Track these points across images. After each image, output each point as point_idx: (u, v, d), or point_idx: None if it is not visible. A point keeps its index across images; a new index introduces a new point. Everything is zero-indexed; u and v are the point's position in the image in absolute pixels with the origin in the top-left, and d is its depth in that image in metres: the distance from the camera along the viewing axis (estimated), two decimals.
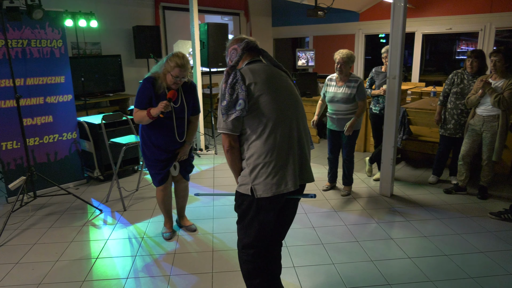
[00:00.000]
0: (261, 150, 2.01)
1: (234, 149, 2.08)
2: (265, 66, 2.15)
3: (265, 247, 2.24)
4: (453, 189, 4.36)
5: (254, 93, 2.01)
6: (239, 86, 1.99)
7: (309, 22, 9.81)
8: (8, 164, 4.21)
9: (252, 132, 2.03)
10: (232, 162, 2.12)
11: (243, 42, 2.16)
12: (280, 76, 2.17)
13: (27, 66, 4.21)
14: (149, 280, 2.84)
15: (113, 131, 4.72)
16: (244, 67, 2.11)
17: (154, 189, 3.42)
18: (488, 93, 3.84)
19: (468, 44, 8.62)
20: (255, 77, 2.04)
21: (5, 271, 2.97)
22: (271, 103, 2.02)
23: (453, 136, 4.43)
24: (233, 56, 2.18)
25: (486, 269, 2.93)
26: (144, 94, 3.01)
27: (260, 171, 2.01)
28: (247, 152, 2.06)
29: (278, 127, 2.02)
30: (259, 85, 2.02)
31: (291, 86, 2.19)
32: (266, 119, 2.01)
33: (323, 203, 4.21)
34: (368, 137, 6.12)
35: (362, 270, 2.94)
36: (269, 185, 2.01)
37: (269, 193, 2.01)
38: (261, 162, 2.01)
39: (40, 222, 3.81)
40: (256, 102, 2.01)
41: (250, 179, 2.04)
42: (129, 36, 7.42)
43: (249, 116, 2.02)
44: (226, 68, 2.05)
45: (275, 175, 2.01)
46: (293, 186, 2.03)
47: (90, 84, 6.58)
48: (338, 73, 4.11)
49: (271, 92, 2.04)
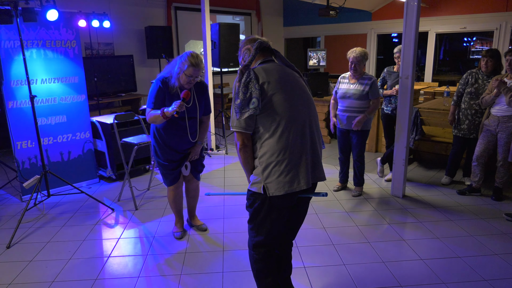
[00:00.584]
0: (274, 148, 2.02)
1: (247, 148, 2.09)
2: (278, 66, 2.17)
3: (276, 246, 2.25)
4: (467, 191, 4.29)
5: (268, 92, 2.02)
6: (252, 85, 2.01)
7: (320, 21, 9.77)
8: (23, 163, 4.28)
9: (265, 131, 2.04)
10: (244, 161, 2.13)
11: (256, 42, 2.17)
12: (293, 75, 2.18)
13: (41, 67, 4.27)
14: (160, 279, 2.86)
15: (125, 130, 4.77)
16: (258, 67, 2.13)
17: (165, 189, 3.44)
18: (503, 92, 3.77)
19: (483, 43, 8.49)
20: (268, 76, 2.05)
21: (19, 268, 3.02)
22: (284, 102, 2.04)
23: (467, 136, 4.37)
24: (246, 56, 2.20)
25: (500, 272, 2.88)
26: (157, 94, 3.02)
27: (273, 170, 2.02)
28: (260, 151, 2.07)
29: (291, 126, 2.03)
30: (273, 84, 2.04)
31: (304, 86, 2.20)
32: (280, 117, 2.02)
33: (334, 203, 4.18)
34: (380, 138, 6.06)
35: (373, 271, 2.92)
36: (281, 184, 2.02)
37: (282, 191, 2.02)
38: (274, 160, 2.02)
39: (53, 220, 3.86)
40: (270, 100, 2.02)
41: (262, 178, 2.05)
42: (141, 37, 7.48)
43: (262, 115, 2.03)
44: (240, 67, 2.07)
45: (288, 173, 2.02)
46: (305, 185, 2.04)
47: (103, 84, 6.65)
48: (353, 71, 4.07)
49: (284, 91, 2.05)
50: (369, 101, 4.06)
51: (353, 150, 4.28)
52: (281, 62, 2.23)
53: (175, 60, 3.03)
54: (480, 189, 4.27)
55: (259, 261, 2.24)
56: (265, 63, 2.17)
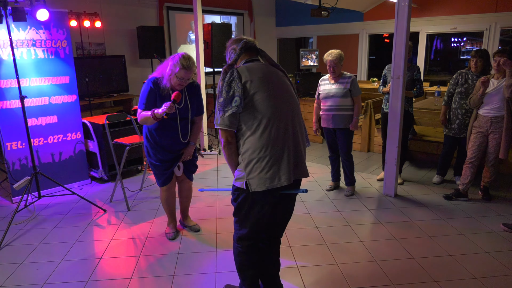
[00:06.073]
0: (255, 145, 2.07)
1: (231, 145, 2.15)
2: (262, 65, 2.22)
3: (260, 240, 2.31)
4: (453, 195, 4.22)
5: (250, 91, 2.07)
6: (235, 84, 2.06)
7: (313, 22, 9.79)
8: (13, 164, 4.23)
9: (247, 128, 2.09)
10: (229, 157, 2.20)
11: (242, 42, 2.23)
12: (277, 74, 2.22)
13: (32, 67, 4.23)
14: (153, 280, 2.84)
15: (117, 131, 4.74)
16: (241, 66, 2.18)
17: (158, 189, 3.43)
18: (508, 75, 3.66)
19: (473, 44, 8.58)
20: (251, 75, 2.10)
21: (10, 271, 2.99)
22: (266, 100, 2.08)
23: (457, 136, 4.41)
24: (233, 56, 2.26)
25: (491, 270, 2.91)
26: (148, 95, 3.00)
27: (255, 166, 2.08)
28: (243, 147, 2.13)
29: (273, 124, 2.08)
30: (255, 83, 2.09)
31: (288, 85, 2.25)
32: (261, 115, 2.07)
33: (326, 203, 4.20)
34: (372, 137, 6.10)
35: (366, 270, 2.93)
36: (262, 180, 2.07)
37: (263, 187, 2.07)
38: (255, 157, 2.07)
39: (44, 222, 3.83)
40: (252, 99, 2.07)
41: (245, 174, 2.11)
42: (133, 37, 7.44)
43: (245, 113, 2.08)
44: (224, 67, 2.13)
45: (269, 170, 2.07)
46: (286, 181, 2.08)
47: (95, 84, 6.61)
48: (332, 74, 4.18)
49: (266, 90, 2.10)
50: (351, 98, 4.13)
51: (340, 150, 4.32)
52: (267, 62, 2.28)
53: (167, 61, 3.00)
54: (467, 193, 4.20)
55: (242, 254, 2.32)
56: (250, 62, 2.22)
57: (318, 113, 4.40)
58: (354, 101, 4.14)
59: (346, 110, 4.13)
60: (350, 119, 4.15)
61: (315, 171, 5.24)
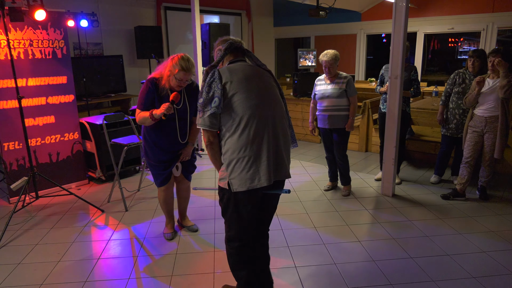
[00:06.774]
0: (235, 146, 2.10)
1: (213, 145, 2.19)
2: (245, 66, 2.23)
3: (249, 240, 2.30)
4: (451, 195, 4.24)
5: (229, 92, 2.09)
6: (215, 85, 2.09)
7: (310, 22, 9.80)
8: (10, 165, 4.22)
9: (227, 129, 2.12)
10: (212, 157, 2.24)
11: (227, 42, 2.26)
12: (261, 75, 2.23)
13: (29, 67, 4.22)
14: (151, 281, 2.84)
15: (114, 131, 4.73)
16: (224, 67, 2.20)
17: (156, 190, 3.43)
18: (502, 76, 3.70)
19: (470, 44, 8.61)
20: (232, 76, 2.12)
21: (8, 271, 2.98)
22: (245, 101, 2.09)
23: (455, 135, 4.42)
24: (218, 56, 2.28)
25: (488, 269, 2.92)
26: (146, 95, 3.00)
27: (235, 166, 2.10)
28: (224, 148, 2.16)
29: (252, 125, 2.09)
30: (235, 84, 2.10)
31: (271, 86, 2.26)
32: (239, 116, 2.08)
33: (324, 203, 4.20)
34: (370, 137, 6.11)
35: (364, 269, 2.94)
36: (243, 180, 2.09)
37: (244, 187, 2.09)
38: (235, 157, 2.10)
39: (42, 222, 3.82)
40: (230, 100, 2.09)
41: (227, 174, 2.13)
42: (131, 37, 7.43)
43: (224, 114, 2.11)
44: (206, 68, 2.15)
45: (248, 170, 2.09)
46: (266, 182, 2.09)
47: (92, 84, 6.59)
48: (327, 74, 4.18)
49: (246, 91, 2.11)
50: (347, 99, 4.13)
51: (335, 150, 4.32)
52: (253, 62, 2.30)
53: (166, 61, 3.00)
54: (464, 193, 4.22)
55: (233, 255, 2.34)
56: (234, 62, 2.24)
57: (314, 113, 4.41)
58: (350, 101, 4.15)
59: (342, 110, 4.13)
60: (346, 120, 4.15)
61: (313, 171, 5.25)
